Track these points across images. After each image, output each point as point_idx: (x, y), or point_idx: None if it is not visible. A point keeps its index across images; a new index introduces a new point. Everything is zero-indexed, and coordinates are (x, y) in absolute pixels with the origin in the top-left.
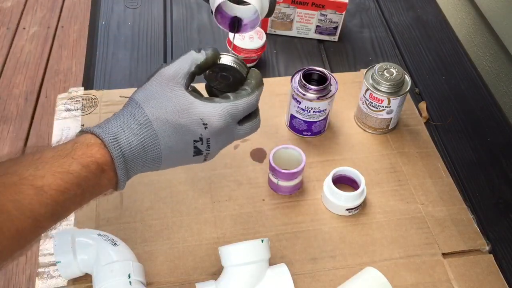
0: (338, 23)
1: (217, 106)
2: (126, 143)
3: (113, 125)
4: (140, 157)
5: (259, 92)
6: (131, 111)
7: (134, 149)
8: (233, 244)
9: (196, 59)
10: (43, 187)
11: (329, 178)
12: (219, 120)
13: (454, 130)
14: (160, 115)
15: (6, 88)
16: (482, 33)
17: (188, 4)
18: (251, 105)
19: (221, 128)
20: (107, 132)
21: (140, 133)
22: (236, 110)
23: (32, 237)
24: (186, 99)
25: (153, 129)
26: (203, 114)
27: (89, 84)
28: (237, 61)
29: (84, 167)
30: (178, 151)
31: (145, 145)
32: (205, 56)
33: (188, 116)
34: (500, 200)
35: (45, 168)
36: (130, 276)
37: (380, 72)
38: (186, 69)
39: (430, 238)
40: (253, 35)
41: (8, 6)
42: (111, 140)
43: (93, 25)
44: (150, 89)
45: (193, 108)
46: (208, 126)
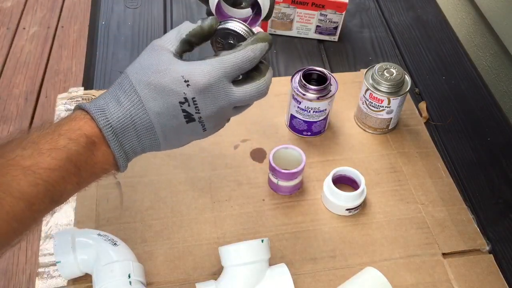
0: (338, 23)
1: (201, 63)
2: (113, 111)
3: (101, 98)
4: (131, 127)
5: (256, 47)
6: (119, 81)
7: (122, 118)
8: (233, 244)
9: (189, 26)
10: (30, 167)
11: (329, 178)
12: (202, 76)
13: (454, 130)
14: (142, 77)
15: (6, 88)
16: (482, 33)
17: (188, 4)
18: (243, 60)
19: (206, 85)
20: (94, 105)
21: (124, 100)
22: (221, 65)
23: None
24: (168, 60)
25: (137, 93)
26: (184, 72)
27: (89, 84)
28: (243, 28)
29: (72, 140)
30: (168, 117)
31: (132, 112)
32: (201, 23)
33: (168, 75)
34: (500, 200)
35: (32, 147)
36: (130, 276)
37: (380, 72)
38: (174, 35)
39: (430, 238)
40: None
41: (8, 6)
42: (97, 110)
43: (93, 25)
44: (139, 59)
45: (174, 66)
46: (191, 83)
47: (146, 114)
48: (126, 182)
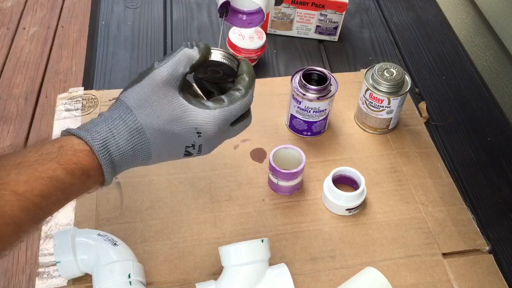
0: (338, 23)
1: (211, 114)
2: (116, 149)
3: (102, 130)
4: (129, 160)
5: (252, 91)
6: (121, 116)
7: (123, 155)
8: (233, 244)
9: (190, 58)
10: (25, 193)
11: (329, 178)
12: (213, 128)
13: (454, 130)
14: (153, 123)
15: (6, 88)
16: (482, 33)
17: (188, 4)
18: (245, 106)
19: (215, 135)
20: (96, 138)
21: (131, 140)
22: (230, 116)
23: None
24: (180, 106)
25: (145, 136)
26: (197, 124)
27: (89, 84)
28: (227, 56)
29: (69, 173)
30: (169, 154)
31: (136, 151)
32: (199, 54)
33: (182, 125)
34: (500, 200)
35: (27, 173)
36: (130, 276)
37: (380, 72)
38: (180, 71)
39: (430, 238)
40: (253, 35)
41: (8, 6)
42: (100, 148)
43: (93, 25)
44: (143, 94)
45: (187, 116)
46: (202, 135)
47: (149, 153)
48: (126, 182)
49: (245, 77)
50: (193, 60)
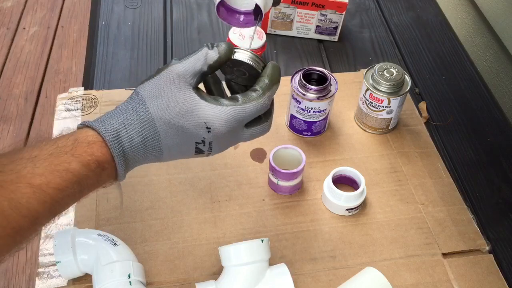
0: (338, 23)
1: (222, 110)
2: (128, 141)
3: (115, 121)
4: (141, 154)
5: (271, 93)
6: (134, 107)
7: (135, 147)
8: (233, 244)
9: (209, 58)
10: (41, 186)
11: (329, 178)
12: (223, 125)
13: (454, 130)
14: (164, 115)
15: (6, 88)
16: (482, 33)
17: (188, 4)
18: (261, 108)
19: (225, 133)
20: (108, 130)
21: (142, 132)
22: (242, 115)
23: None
24: (192, 101)
25: (155, 128)
26: (207, 118)
27: (89, 84)
28: (252, 57)
29: (84, 166)
30: (180, 150)
31: (147, 143)
32: (218, 54)
33: (192, 119)
34: (500, 200)
35: (43, 166)
36: (130, 276)
37: (380, 72)
38: (197, 68)
39: (430, 238)
40: (253, 35)
41: (8, 6)
42: (112, 139)
43: (93, 25)
44: (157, 86)
45: (197, 110)
46: (212, 130)
47: (159, 147)
48: (126, 182)
49: (265, 79)
50: (211, 60)
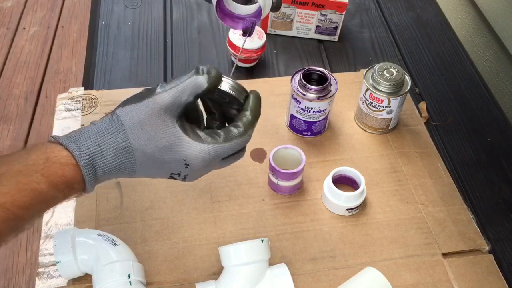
0: (338, 23)
1: (204, 149)
2: (102, 166)
3: (91, 144)
4: (113, 175)
5: (252, 131)
6: (114, 132)
7: (108, 172)
8: (233, 244)
9: (197, 87)
10: (5, 204)
11: (329, 178)
12: (201, 163)
13: (454, 130)
14: (144, 147)
15: (6, 88)
16: (482, 33)
17: (188, 4)
18: (241, 145)
19: (202, 168)
20: (83, 153)
21: (118, 158)
22: (223, 152)
23: None
24: (174, 136)
25: (133, 157)
26: (187, 156)
27: (89, 84)
28: (235, 87)
29: (53, 187)
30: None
31: (121, 168)
32: (207, 84)
33: (172, 155)
34: (500, 200)
35: (11, 183)
36: (130, 276)
37: (380, 72)
38: (183, 99)
39: (430, 238)
40: (253, 35)
41: (8, 6)
42: (87, 163)
43: (93, 25)
44: (140, 115)
45: (179, 147)
46: (190, 167)
47: (133, 173)
48: (126, 182)
49: (248, 114)
50: (200, 90)
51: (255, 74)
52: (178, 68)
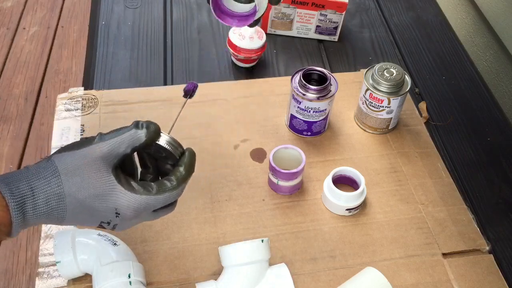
0: (338, 23)
1: (136, 199)
2: (31, 209)
3: (24, 186)
4: (41, 221)
5: (185, 185)
6: (47, 177)
7: (37, 216)
8: (233, 244)
9: (135, 140)
10: None
11: (329, 178)
12: (132, 213)
13: (454, 130)
14: (77, 194)
15: (6, 88)
16: (482, 33)
17: (188, 4)
18: (173, 199)
19: (133, 218)
20: (15, 195)
21: (49, 203)
22: (154, 204)
23: None
24: (108, 185)
25: (64, 203)
26: (119, 205)
27: (89, 84)
28: (171, 143)
29: None
30: (82, 223)
31: (50, 214)
32: (145, 138)
33: (104, 203)
34: (500, 200)
35: None
36: (130, 276)
37: (380, 72)
38: (121, 150)
39: (430, 238)
40: (253, 35)
41: (8, 6)
42: (16, 206)
43: (93, 25)
44: (76, 162)
45: (111, 196)
46: (120, 216)
47: (62, 219)
48: None
49: (182, 170)
50: (137, 143)
51: (255, 74)
52: (178, 68)
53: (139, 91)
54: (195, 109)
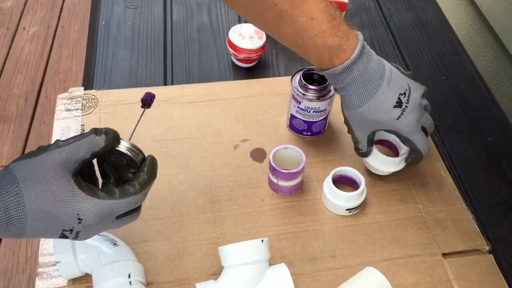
0: None
1: (98, 204)
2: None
3: None
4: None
5: (146, 191)
6: (4, 185)
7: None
8: (233, 244)
9: (94, 145)
10: None
11: (329, 178)
12: (95, 218)
13: (454, 130)
14: (36, 201)
15: (6, 88)
16: (482, 33)
17: (188, 4)
18: (136, 203)
19: (96, 225)
20: None
21: (8, 211)
22: (117, 209)
23: None
24: (68, 190)
25: (24, 211)
26: (81, 210)
27: (89, 84)
28: (132, 149)
29: None
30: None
31: (10, 224)
32: (104, 143)
33: (64, 209)
34: (500, 200)
35: None
36: (130, 276)
37: None
38: (80, 155)
39: (430, 238)
40: (253, 35)
41: (8, 6)
42: None
43: (93, 25)
44: (34, 169)
45: (72, 201)
46: (83, 222)
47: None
48: None
49: (143, 175)
50: (96, 148)
51: (255, 74)
52: (178, 68)
53: (139, 91)
54: (195, 109)
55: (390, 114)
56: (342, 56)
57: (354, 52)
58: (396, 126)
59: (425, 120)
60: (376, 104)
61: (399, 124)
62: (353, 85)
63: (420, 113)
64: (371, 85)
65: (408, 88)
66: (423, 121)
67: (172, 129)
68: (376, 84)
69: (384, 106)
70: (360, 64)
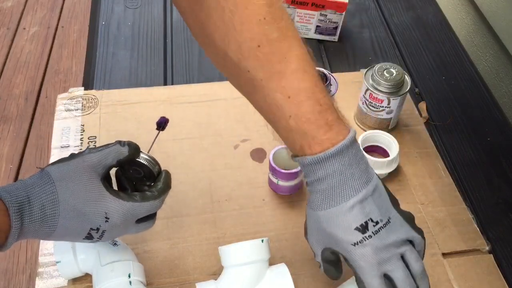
0: (338, 23)
1: (123, 205)
2: (28, 215)
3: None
4: (34, 229)
5: (164, 197)
6: (41, 185)
7: (33, 223)
8: (233, 244)
9: (120, 153)
10: None
11: None
12: (120, 218)
13: (454, 130)
14: (70, 198)
15: (6, 88)
16: (482, 33)
17: None
18: (155, 208)
19: (120, 225)
20: (14, 201)
21: (44, 209)
22: (139, 211)
23: None
24: (98, 190)
25: (58, 209)
26: (108, 209)
27: (89, 84)
28: (150, 160)
29: None
30: (71, 233)
31: (44, 221)
32: (128, 152)
33: (94, 207)
34: (500, 200)
35: None
36: (130, 276)
37: (380, 72)
38: (108, 161)
39: (430, 238)
40: None
41: (8, 6)
42: (15, 211)
43: (93, 25)
44: (68, 170)
45: (101, 200)
46: (109, 221)
47: (55, 226)
48: None
49: (161, 184)
50: (122, 156)
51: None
52: (178, 68)
53: (139, 91)
54: (195, 109)
55: (348, 235)
56: (316, 148)
57: (333, 148)
58: (351, 253)
59: (393, 269)
60: (337, 214)
61: (354, 252)
62: (321, 183)
63: (386, 255)
64: (342, 192)
65: (387, 222)
66: (388, 268)
67: (172, 129)
68: (348, 193)
69: (344, 221)
70: (336, 163)
